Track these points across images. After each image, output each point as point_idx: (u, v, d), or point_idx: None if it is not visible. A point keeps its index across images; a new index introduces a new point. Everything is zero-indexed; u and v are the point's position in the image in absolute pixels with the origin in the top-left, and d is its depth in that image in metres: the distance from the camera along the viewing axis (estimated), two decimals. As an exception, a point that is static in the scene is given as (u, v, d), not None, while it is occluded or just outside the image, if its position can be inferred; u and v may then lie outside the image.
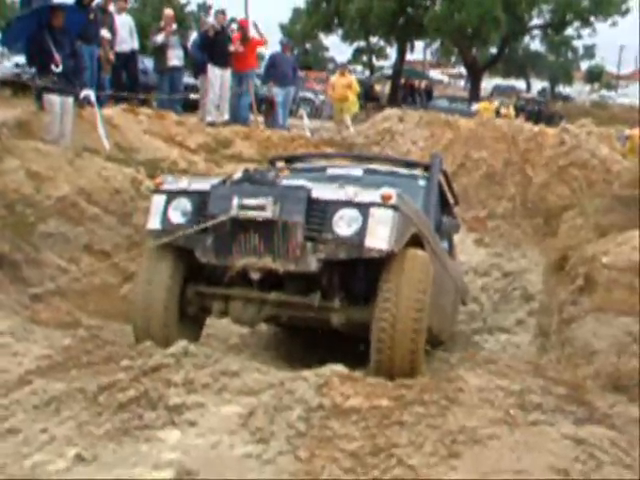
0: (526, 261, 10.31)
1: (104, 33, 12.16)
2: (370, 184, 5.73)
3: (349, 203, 5.14)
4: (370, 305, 5.26)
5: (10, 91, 13.08)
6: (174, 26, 14.18)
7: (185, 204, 5.51)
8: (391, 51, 45.56)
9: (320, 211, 5.18)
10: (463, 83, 56.80)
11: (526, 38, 43.00)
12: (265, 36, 15.39)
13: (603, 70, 64.44)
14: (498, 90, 45.48)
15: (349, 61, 41.89)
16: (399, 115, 14.66)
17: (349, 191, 5.21)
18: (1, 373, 4.53)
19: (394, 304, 5.03)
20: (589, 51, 54.88)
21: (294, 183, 5.51)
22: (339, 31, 42.08)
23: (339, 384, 4.25)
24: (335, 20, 40.47)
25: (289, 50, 16.85)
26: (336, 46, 68.34)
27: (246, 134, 13.18)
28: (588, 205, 6.81)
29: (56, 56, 9.22)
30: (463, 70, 48.81)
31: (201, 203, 5.44)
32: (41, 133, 9.13)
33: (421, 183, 6.96)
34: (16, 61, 17.03)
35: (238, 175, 5.56)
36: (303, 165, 7.49)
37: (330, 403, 4.05)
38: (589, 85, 63.85)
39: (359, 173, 6.88)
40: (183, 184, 5.66)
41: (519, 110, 27.89)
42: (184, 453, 3.65)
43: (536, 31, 41.47)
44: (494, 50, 40.80)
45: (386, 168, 7.32)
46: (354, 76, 20.24)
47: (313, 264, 5.17)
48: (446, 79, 61.01)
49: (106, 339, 5.55)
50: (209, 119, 13.81)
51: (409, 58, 45.66)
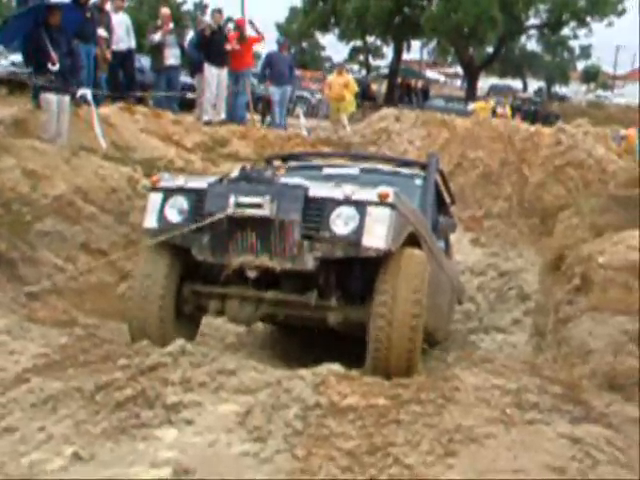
0: (522, 260, 10.33)
1: (101, 32, 12.13)
2: (367, 183, 5.73)
3: (346, 201, 5.14)
4: (367, 304, 5.26)
5: (6, 89, 13.08)
6: (171, 25, 14.18)
7: (182, 202, 5.50)
8: (388, 50, 45.68)
9: (317, 209, 5.18)
10: (459, 83, 56.82)
11: (523, 38, 43.20)
12: (262, 32, 15.37)
13: (599, 70, 64.54)
14: (494, 90, 45.42)
15: (345, 60, 41.80)
16: (395, 115, 14.66)
17: (346, 190, 5.21)
18: (-2, 371, 4.54)
19: (391, 303, 5.04)
20: (585, 51, 54.88)
21: (291, 181, 5.51)
22: (336, 30, 42.12)
23: (336, 383, 4.26)
24: (332, 19, 40.51)
25: (286, 49, 16.85)
26: (332, 45, 68.55)
27: (243, 133, 13.18)
28: (584, 205, 6.81)
29: (53, 55, 9.21)
30: (459, 70, 48.83)
31: (198, 201, 5.43)
32: (38, 132, 9.13)
33: (418, 182, 6.96)
34: (12, 59, 17.01)
35: (235, 173, 5.56)
36: (299, 164, 7.48)
37: (327, 402, 4.06)
38: (585, 85, 63.95)
39: (356, 172, 6.88)
40: (180, 182, 5.65)
41: (515, 110, 27.91)
42: (181, 452, 3.65)
43: (532, 31, 41.60)
44: (490, 50, 40.86)
45: (383, 167, 7.33)
46: (351, 75, 20.20)
47: (310, 262, 5.17)
48: (442, 79, 61.01)
49: (103, 338, 5.56)
50: (206, 118, 13.80)
51: (406, 57, 45.71)
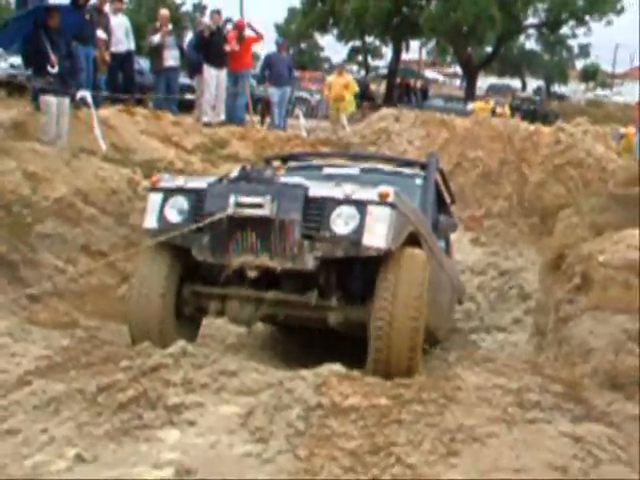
0: (522, 260, 10.33)
1: (100, 34, 12.15)
2: (367, 183, 5.73)
3: (346, 201, 5.13)
4: (367, 304, 5.26)
5: (6, 92, 13.07)
6: (170, 26, 14.18)
7: (182, 202, 5.49)
8: (386, 50, 45.69)
9: (317, 209, 5.18)
10: (458, 82, 56.82)
11: (521, 37, 43.13)
12: (261, 32, 15.37)
13: (598, 69, 64.52)
14: (493, 89, 45.51)
15: (344, 61, 41.82)
16: (395, 115, 14.66)
17: (346, 189, 5.20)
18: (0, 374, 4.54)
19: (391, 303, 5.03)
20: (584, 50, 54.92)
21: (291, 181, 5.51)
22: (334, 31, 42.10)
23: (337, 383, 4.26)
24: (330, 20, 40.48)
25: (285, 50, 16.85)
26: (331, 46, 68.62)
27: (242, 134, 13.19)
28: (584, 204, 6.81)
29: (52, 57, 9.22)
30: (458, 69, 48.84)
31: (198, 201, 5.42)
32: (37, 134, 9.13)
33: (418, 182, 6.96)
34: (11, 62, 17.02)
35: (235, 173, 5.55)
36: (299, 164, 7.48)
37: (329, 402, 4.06)
38: (584, 84, 63.92)
39: (356, 172, 6.88)
40: (180, 182, 5.65)
41: (514, 109, 27.91)
42: (183, 453, 3.66)
43: (531, 30, 41.56)
44: (489, 49, 40.85)
45: (383, 167, 7.32)
46: (351, 76, 20.19)
47: (310, 262, 5.17)
48: (441, 78, 61.01)
49: (104, 339, 5.57)
50: (205, 119, 13.81)
51: (404, 57, 45.71)
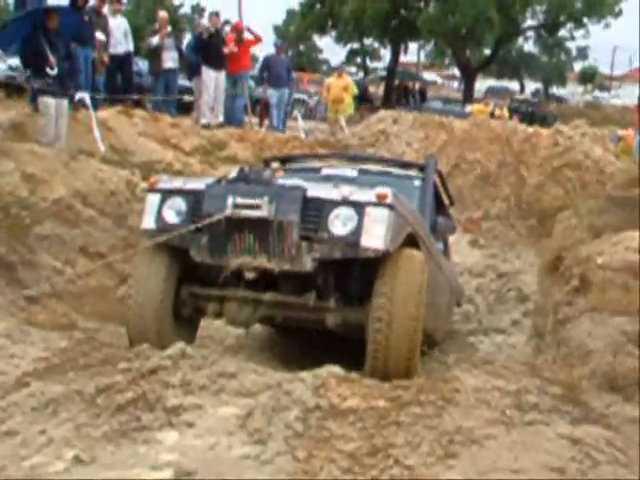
0: (521, 262, 10.33)
1: (99, 35, 12.16)
2: (365, 184, 5.73)
3: (344, 202, 5.12)
4: (365, 305, 5.25)
5: (4, 93, 13.07)
6: (169, 28, 14.19)
7: (180, 203, 5.48)
8: (385, 52, 45.72)
9: (315, 210, 5.17)
10: (457, 84, 56.89)
11: (520, 39, 43.19)
12: (259, 34, 15.37)
13: (596, 71, 64.59)
14: (492, 91, 45.54)
15: (343, 63, 41.85)
16: (393, 117, 14.68)
17: (344, 190, 5.20)
18: (-2, 375, 4.54)
19: (389, 304, 5.02)
20: (582, 52, 55.03)
21: (289, 182, 5.50)
22: (333, 33, 42.13)
23: (336, 385, 4.26)
24: (329, 22, 40.48)
25: (283, 52, 16.87)
26: (330, 48, 68.53)
27: (241, 136, 13.20)
28: (582, 206, 6.83)
29: (51, 58, 9.22)
30: (457, 71, 48.84)
31: (196, 202, 5.41)
32: (36, 135, 9.13)
33: (416, 184, 6.95)
34: (10, 63, 17.00)
35: (233, 174, 5.55)
36: (297, 166, 7.47)
37: (327, 404, 4.07)
38: (582, 86, 63.99)
39: (354, 174, 6.87)
40: (178, 183, 5.65)
41: (513, 111, 27.93)
42: (182, 454, 3.66)
43: (530, 32, 41.62)
44: (488, 51, 40.85)
45: (381, 169, 7.32)
46: (350, 78, 20.19)
47: (308, 263, 5.16)
48: (440, 80, 61.08)
49: (103, 341, 5.56)
50: (203, 121, 13.82)
51: (403, 59, 45.68)
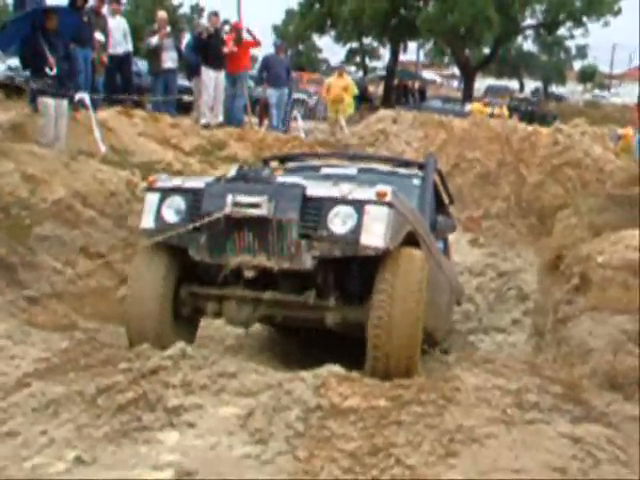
0: (521, 261, 10.34)
1: (98, 36, 12.16)
2: (364, 183, 5.72)
3: (344, 200, 5.10)
4: (365, 304, 5.24)
5: (4, 94, 13.06)
6: (168, 28, 14.19)
7: (179, 202, 5.45)
8: (384, 52, 45.69)
9: (315, 209, 5.15)
10: (456, 83, 56.90)
11: (519, 38, 43.15)
12: (259, 39, 15.40)
13: (596, 70, 64.63)
14: (491, 90, 45.54)
15: (342, 62, 41.83)
16: (393, 116, 14.69)
17: (344, 188, 5.19)
18: (-1, 376, 4.55)
19: (389, 303, 5.00)
20: (582, 51, 55.03)
21: (289, 181, 5.50)
22: (332, 32, 42.13)
23: (337, 384, 4.27)
24: (328, 21, 40.48)
25: (283, 51, 16.85)
26: (329, 47, 68.57)
27: (240, 136, 13.21)
28: (582, 204, 6.84)
29: (50, 59, 9.22)
30: (456, 70, 48.86)
31: (195, 201, 5.39)
32: (36, 136, 9.13)
33: (416, 182, 6.93)
34: (9, 64, 17.01)
35: (232, 173, 5.53)
36: (297, 165, 7.46)
37: (328, 403, 4.07)
38: (582, 85, 64.01)
39: (353, 172, 6.86)
40: (177, 182, 5.63)
41: (512, 110, 27.93)
42: (183, 454, 3.66)
43: (529, 31, 41.60)
44: (487, 50, 40.83)
45: (380, 167, 7.30)
46: (350, 78, 20.17)
47: (308, 262, 5.13)
48: (439, 79, 61.07)
49: (103, 342, 5.56)
50: (203, 121, 13.82)
51: (402, 59, 45.69)
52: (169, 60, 13.90)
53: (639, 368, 4.64)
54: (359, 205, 5.07)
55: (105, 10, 12.96)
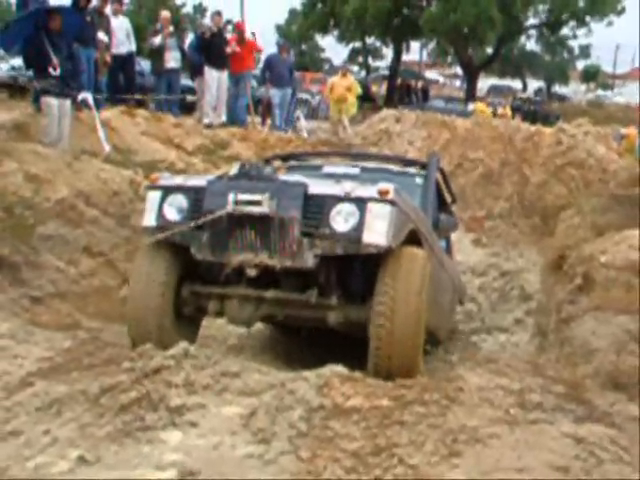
0: (524, 260, 10.33)
1: (101, 36, 12.18)
2: (367, 181, 5.70)
3: (346, 198, 5.08)
4: (367, 303, 5.22)
5: (7, 94, 13.09)
6: (171, 28, 14.21)
7: (181, 200, 5.43)
8: (387, 51, 45.65)
9: (317, 206, 5.13)
10: (459, 83, 56.84)
11: (522, 38, 43.11)
12: (261, 46, 15.52)
13: (599, 70, 64.52)
14: (494, 90, 45.52)
15: (345, 62, 41.84)
16: (396, 116, 14.69)
17: (346, 186, 5.16)
18: (2, 375, 4.54)
19: (391, 302, 4.99)
20: (585, 51, 54.84)
21: (291, 179, 5.48)
22: (335, 32, 42.11)
23: (339, 384, 4.26)
24: (331, 21, 40.45)
25: (286, 51, 16.86)
26: (332, 47, 68.59)
27: (243, 135, 13.22)
28: (585, 204, 6.83)
29: (53, 59, 9.22)
30: (459, 70, 48.82)
31: (197, 199, 5.36)
32: (39, 136, 9.14)
33: (418, 181, 6.92)
34: (12, 64, 17.03)
35: (234, 171, 5.51)
36: (299, 163, 7.45)
37: (331, 403, 4.07)
38: (585, 85, 63.92)
39: (356, 171, 6.83)
40: (179, 180, 5.62)
41: (515, 110, 27.93)
42: (186, 454, 3.66)
43: (532, 31, 41.56)
44: (490, 50, 40.82)
45: (383, 166, 7.29)
46: (353, 77, 20.17)
47: (310, 260, 5.11)
48: (442, 79, 61.02)
49: (106, 341, 5.56)
50: (206, 121, 13.83)
51: (405, 58, 45.67)
52: (172, 60, 13.93)
53: (642, 368, 4.63)
54: (361, 203, 5.05)
55: (108, 10, 12.98)
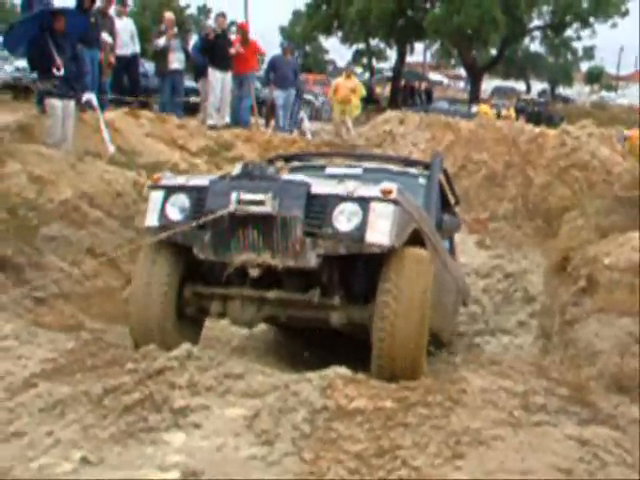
0: (527, 262, 10.32)
1: (105, 37, 12.20)
2: (370, 181, 5.68)
3: (349, 198, 5.06)
4: (370, 304, 5.20)
5: (11, 95, 13.12)
6: (175, 30, 14.23)
7: (183, 200, 5.41)
8: (391, 53, 45.67)
9: (320, 206, 5.10)
10: (463, 85, 56.85)
11: (526, 39, 43.10)
12: (263, 50, 15.57)
13: (603, 71, 64.42)
14: (498, 92, 45.52)
15: (349, 63, 41.83)
16: (400, 117, 14.69)
17: (349, 186, 5.14)
18: (6, 376, 4.53)
19: (394, 303, 4.96)
20: (589, 52, 54.80)
21: (293, 178, 5.47)
22: (339, 33, 42.14)
23: (343, 386, 4.26)
24: (335, 22, 40.49)
25: (290, 53, 16.87)
26: (336, 49, 68.69)
27: (247, 137, 13.22)
28: (589, 206, 6.83)
29: (58, 60, 9.24)
30: (463, 72, 48.80)
31: (199, 199, 5.34)
32: (43, 137, 9.16)
33: (421, 181, 6.89)
34: (17, 65, 17.07)
35: (237, 171, 5.51)
36: (302, 164, 7.43)
37: (334, 405, 4.06)
38: (589, 86, 63.86)
39: (359, 171, 6.80)
40: (181, 180, 5.60)
41: (519, 111, 27.92)
42: (189, 455, 3.66)
43: (536, 32, 41.54)
44: (494, 51, 40.81)
45: (386, 167, 7.27)
46: (358, 79, 20.16)
47: (313, 260, 5.09)
48: (446, 81, 61.05)
49: (110, 342, 5.55)
50: (210, 122, 13.84)
51: (409, 60, 45.71)
52: (176, 61, 13.93)
53: (646, 370, 4.63)
54: (364, 202, 5.03)
55: (112, 11, 13.00)
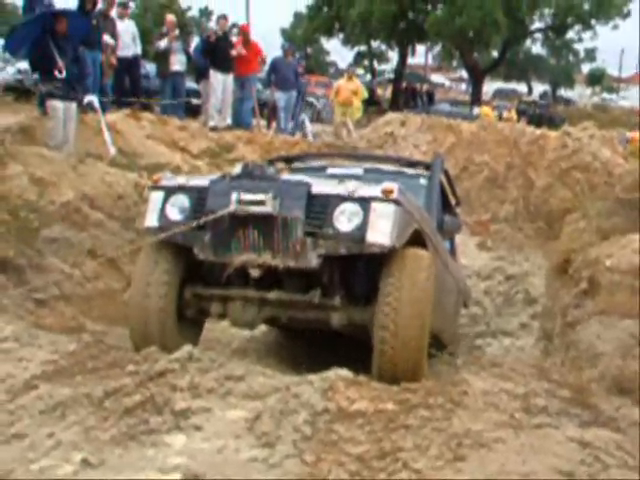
0: (529, 264, 10.31)
1: (106, 39, 12.22)
2: (370, 182, 5.68)
3: (350, 198, 5.05)
4: (371, 305, 5.19)
5: (13, 97, 13.14)
6: (177, 32, 14.24)
7: (183, 200, 5.39)
8: (392, 55, 45.73)
9: (320, 206, 5.09)
10: (464, 86, 56.87)
11: (527, 41, 43.17)
12: (264, 55, 15.62)
13: (604, 73, 64.52)
14: (500, 94, 45.55)
15: (351, 65, 41.86)
16: (401, 119, 14.68)
17: (349, 186, 5.13)
18: (7, 378, 4.53)
19: (395, 304, 4.94)
20: (590, 54, 54.88)
21: (294, 178, 5.46)
22: (340, 35, 42.19)
23: (344, 388, 4.25)
24: (336, 24, 40.55)
25: (291, 54, 16.88)
26: (337, 50, 68.72)
27: (249, 138, 13.24)
28: (590, 208, 6.82)
29: (59, 62, 9.26)
30: (464, 74, 48.83)
31: (199, 199, 5.33)
32: (44, 139, 9.17)
33: (422, 182, 6.88)
34: (19, 67, 17.09)
35: (237, 171, 5.50)
36: (303, 165, 7.42)
37: (335, 407, 4.05)
38: (590, 88, 63.90)
39: (359, 172, 6.78)
40: (181, 180, 5.58)
41: (521, 113, 27.94)
42: (190, 457, 3.65)
43: (537, 34, 41.61)
44: (495, 53, 40.85)
45: (387, 167, 7.26)
46: (359, 81, 20.15)
47: (313, 260, 5.08)
48: (447, 83, 61.10)
49: (111, 344, 5.55)
50: (211, 124, 13.86)
51: (410, 62, 45.75)
52: (177, 63, 13.96)
53: (647, 372, 4.62)
54: (365, 202, 5.01)
55: (113, 13, 13.03)
